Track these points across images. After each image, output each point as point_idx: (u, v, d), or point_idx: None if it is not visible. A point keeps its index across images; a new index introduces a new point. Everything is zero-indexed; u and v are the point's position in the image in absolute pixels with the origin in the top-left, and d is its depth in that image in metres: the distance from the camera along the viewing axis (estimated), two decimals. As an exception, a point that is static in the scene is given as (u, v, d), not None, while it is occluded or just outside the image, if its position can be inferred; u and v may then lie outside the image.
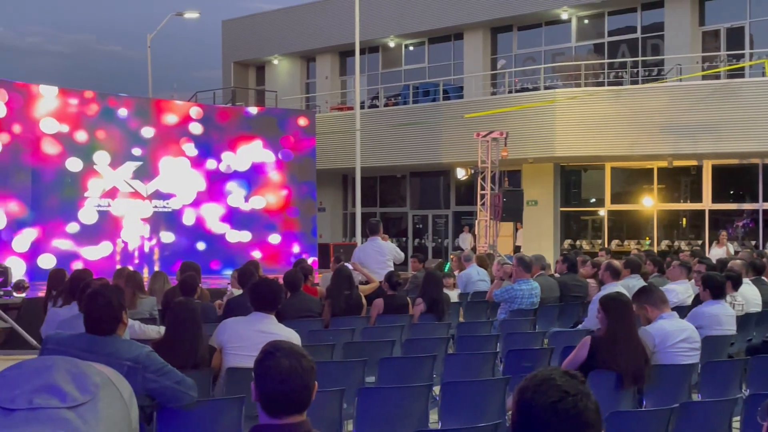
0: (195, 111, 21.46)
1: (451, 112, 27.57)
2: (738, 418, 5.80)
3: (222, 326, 6.50)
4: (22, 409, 2.99)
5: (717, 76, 25.00)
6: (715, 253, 19.71)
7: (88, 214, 19.04)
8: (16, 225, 17.78)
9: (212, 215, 21.12)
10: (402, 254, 14.14)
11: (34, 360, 3.34)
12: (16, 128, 17.83)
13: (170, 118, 20.61)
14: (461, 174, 28.07)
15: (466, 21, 30.39)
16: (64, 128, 18.63)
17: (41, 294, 14.56)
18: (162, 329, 7.50)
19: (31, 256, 17.98)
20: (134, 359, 4.72)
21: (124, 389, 3.33)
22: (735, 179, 26.02)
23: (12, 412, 2.98)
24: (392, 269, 12.54)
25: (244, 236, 21.53)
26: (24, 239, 17.91)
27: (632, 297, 7.05)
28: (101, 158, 19.22)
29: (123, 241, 19.57)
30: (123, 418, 3.22)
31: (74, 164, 18.75)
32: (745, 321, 9.30)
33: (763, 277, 11.66)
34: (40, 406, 3.00)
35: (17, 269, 17.06)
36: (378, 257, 13.09)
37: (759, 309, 10.29)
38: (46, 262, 17.50)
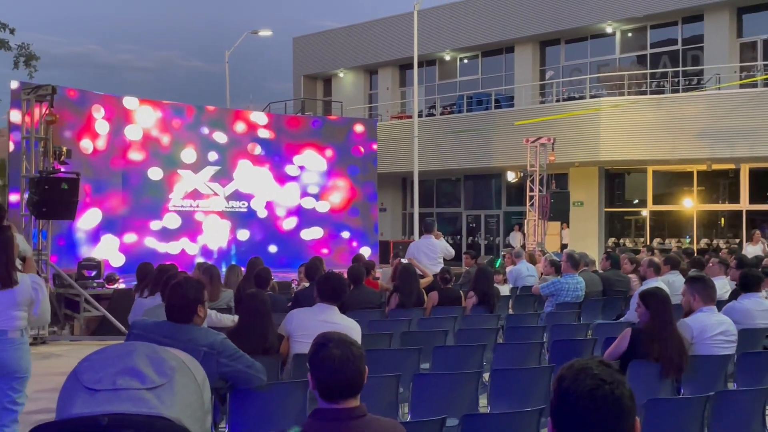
0: (267, 120, 21.66)
1: (502, 120, 27.57)
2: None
3: (289, 316, 6.54)
4: (106, 390, 3.03)
5: (754, 85, 24.62)
6: (751, 250, 19.36)
7: (171, 214, 19.32)
8: (108, 223, 18.11)
9: (283, 215, 21.29)
10: (452, 251, 14.20)
11: (118, 345, 3.39)
12: (107, 137, 18.15)
13: (245, 127, 20.81)
14: (511, 177, 28.02)
15: (517, 35, 30.38)
16: (150, 136, 18.92)
17: (124, 285, 14.90)
18: (236, 318, 7.55)
19: (121, 251, 18.30)
20: (210, 345, 4.76)
21: (197, 373, 3.36)
22: (771, 182, 25.55)
23: (97, 392, 3.03)
24: (442, 265, 12.57)
25: (312, 234, 21.67)
26: (115, 236, 18.24)
27: (687, 281, 6.98)
28: (183, 163, 19.49)
29: (203, 238, 19.82)
30: (196, 399, 3.26)
31: (157, 169, 19.02)
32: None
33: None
34: (122, 387, 3.04)
35: (109, 263, 17.38)
36: (430, 254, 13.15)
37: (794, 304, 10.09)
38: (134, 256, 17.76)
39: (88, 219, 17.54)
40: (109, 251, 17.98)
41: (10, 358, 6.25)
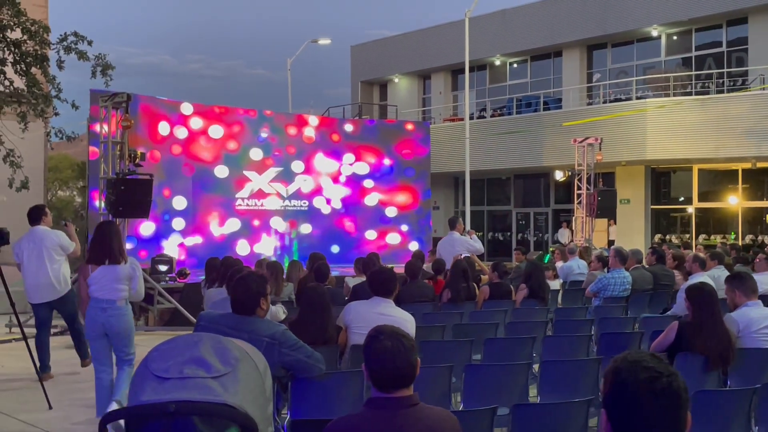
0: (327, 123, 21.77)
1: (550, 121, 27.42)
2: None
3: (347, 308, 6.53)
4: (173, 378, 3.04)
5: (798, 85, 24.14)
6: (795, 246, 18.98)
7: (237, 213, 19.47)
8: (180, 221, 18.32)
9: (342, 212, 21.34)
10: (478, 246, 14.20)
11: (185, 336, 3.40)
12: (177, 140, 18.39)
13: (307, 130, 20.88)
14: (559, 176, 27.87)
15: (565, 40, 30.20)
16: (216, 139, 19.09)
17: (194, 279, 15.06)
18: (282, 308, 7.71)
19: (191, 247, 18.50)
20: (271, 336, 4.76)
21: (259, 362, 3.35)
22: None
23: (165, 381, 3.03)
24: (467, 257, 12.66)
25: (369, 231, 21.68)
26: (186, 233, 18.45)
27: (726, 279, 6.84)
28: (247, 165, 19.65)
29: (267, 235, 19.96)
30: (258, 386, 3.25)
31: (224, 169, 19.19)
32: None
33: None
34: (188, 375, 3.04)
35: (180, 258, 17.59)
36: (449, 249, 13.22)
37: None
38: (202, 252, 17.94)
39: (161, 217, 17.76)
40: (179, 248, 18.18)
41: (118, 323, 7.42)
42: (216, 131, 19.15)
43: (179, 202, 18.34)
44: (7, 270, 8.35)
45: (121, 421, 3.16)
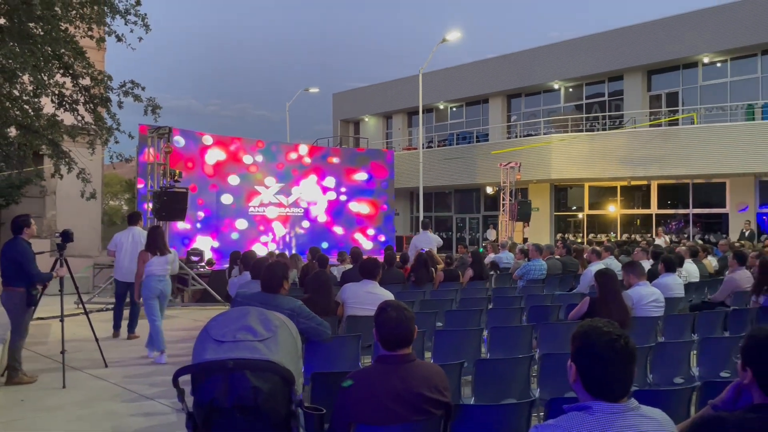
0: (316, 151, 21.58)
1: (481, 150, 27.55)
2: (695, 352, 5.56)
3: (343, 288, 6.45)
4: (229, 341, 2.97)
5: (659, 125, 24.45)
6: (658, 242, 19.19)
7: (249, 217, 19.24)
8: (206, 224, 18.05)
9: (328, 216, 21.16)
10: (441, 242, 14.30)
11: (236, 309, 3.31)
12: (206, 163, 18.16)
13: (299, 155, 20.67)
14: (489, 190, 27.96)
15: (491, 91, 30.33)
16: (235, 161, 18.86)
17: (219, 267, 14.86)
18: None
19: (216, 242, 18.23)
20: (291, 309, 4.67)
21: (293, 329, 3.29)
22: (672, 193, 25.35)
23: (222, 343, 2.96)
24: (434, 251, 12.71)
25: (348, 231, 21.53)
26: (211, 232, 18.17)
27: (623, 267, 6.92)
28: (257, 180, 19.43)
29: (272, 234, 19.74)
30: (293, 346, 3.18)
31: (239, 185, 18.95)
32: (688, 288, 8.96)
33: (698, 259, 11.29)
34: (240, 339, 2.97)
35: (208, 251, 17.34)
36: (425, 244, 13.24)
37: (697, 280, 9.95)
38: (225, 246, 17.70)
39: (194, 220, 17.50)
40: (207, 242, 17.92)
41: (167, 288, 8.65)
42: (234, 155, 18.92)
43: (207, 210, 18.07)
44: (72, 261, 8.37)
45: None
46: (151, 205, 13.76)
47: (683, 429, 2.41)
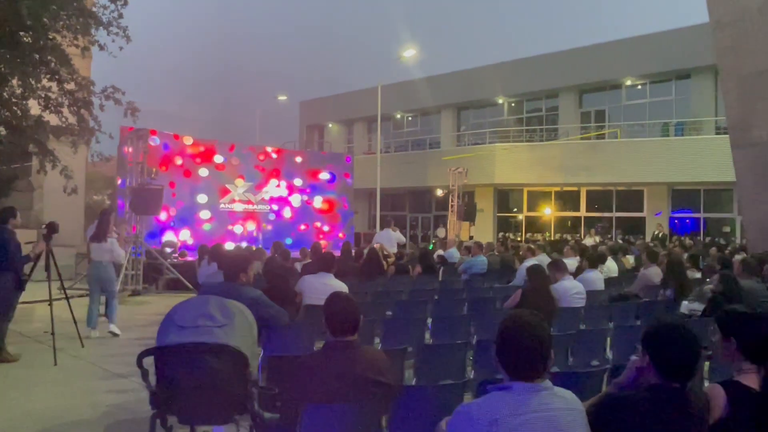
0: (284, 153, 21.35)
1: (433, 157, 27.72)
2: (609, 340, 5.70)
3: (302, 279, 6.42)
4: (190, 327, 2.95)
5: (589, 138, 24.97)
6: (588, 241, 19.56)
7: (220, 213, 18.94)
8: (180, 218, 17.72)
9: (292, 213, 20.95)
10: (404, 238, 14.20)
11: (197, 297, 3.28)
12: (178, 161, 17.83)
13: (268, 157, 20.40)
14: (439, 192, 28.09)
15: (442, 103, 30.47)
16: (208, 161, 18.55)
17: (191, 258, 14.62)
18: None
19: (189, 235, 17.90)
20: (253, 298, 4.63)
21: (249, 316, 3.27)
22: (598, 198, 25.89)
23: (184, 329, 2.94)
24: (395, 248, 12.59)
25: (311, 228, 21.33)
26: (185, 226, 17.84)
27: (548, 264, 7.00)
28: (228, 179, 19.15)
29: (239, 229, 19.45)
30: (249, 332, 3.17)
31: (211, 183, 18.65)
32: (608, 282, 9.17)
33: (618, 256, 11.57)
34: (201, 325, 2.96)
35: (180, 243, 17.04)
36: (387, 239, 13.22)
37: (616, 275, 10.19)
38: (197, 239, 17.38)
39: (169, 215, 17.17)
40: (181, 235, 17.57)
41: (104, 274, 8.43)
42: (207, 156, 18.61)
43: (181, 206, 17.74)
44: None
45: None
46: (129, 200, 13.46)
47: (591, 405, 2.47)
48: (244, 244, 14.90)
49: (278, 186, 20.49)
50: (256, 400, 2.86)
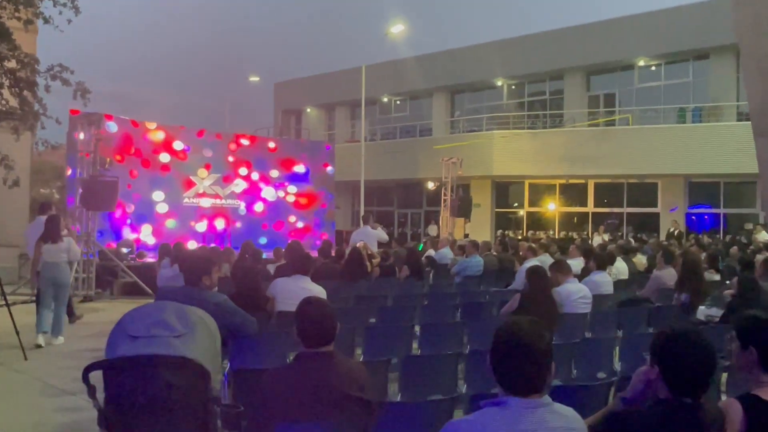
0: (256, 141, 21.25)
1: (424, 145, 27.69)
2: (617, 350, 5.73)
3: (274, 283, 6.38)
4: (143, 337, 2.90)
5: (597, 125, 25.09)
6: (596, 239, 19.69)
7: (184, 208, 18.82)
8: (138, 214, 17.58)
9: (266, 209, 20.86)
10: (384, 236, 14.20)
11: (153, 303, 3.24)
12: (138, 151, 17.65)
13: (239, 145, 20.30)
14: (431, 185, 28.10)
15: (434, 85, 30.46)
16: (170, 150, 18.39)
17: (152, 259, 14.50)
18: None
19: (148, 233, 17.77)
20: (216, 304, 4.59)
21: (211, 324, 3.23)
22: (608, 192, 26.05)
23: (137, 339, 2.89)
24: (375, 246, 12.59)
25: (288, 225, 21.28)
26: (144, 223, 17.71)
27: (550, 266, 7.01)
28: (194, 171, 19.03)
29: (205, 227, 19.33)
30: (211, 343, 3.13)
31: (175, 175, 18.53)
32: (617, 285, 9.22)
33: (629, 257, 11.65)
34: (155, 334, 2.91)
35: (140, 242, 16.92)
36: (363, 237, 13.15)
37: (626, 277, 10.26)
38: (158, 237, 17.27)
39: (124, 210, 17.03)
40: (139, 233, 17.46)
41: (60, 277, 8.69)
42: (170, 144, 18.47)
43: (140, 200, 17.60)
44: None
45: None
46: (79, 193, 13.32)
47: (594, 421, 2.48)
48: (211, 244, 14.80)
49: (249, 177, 20.36)
50: (219, 419, 2.83)
